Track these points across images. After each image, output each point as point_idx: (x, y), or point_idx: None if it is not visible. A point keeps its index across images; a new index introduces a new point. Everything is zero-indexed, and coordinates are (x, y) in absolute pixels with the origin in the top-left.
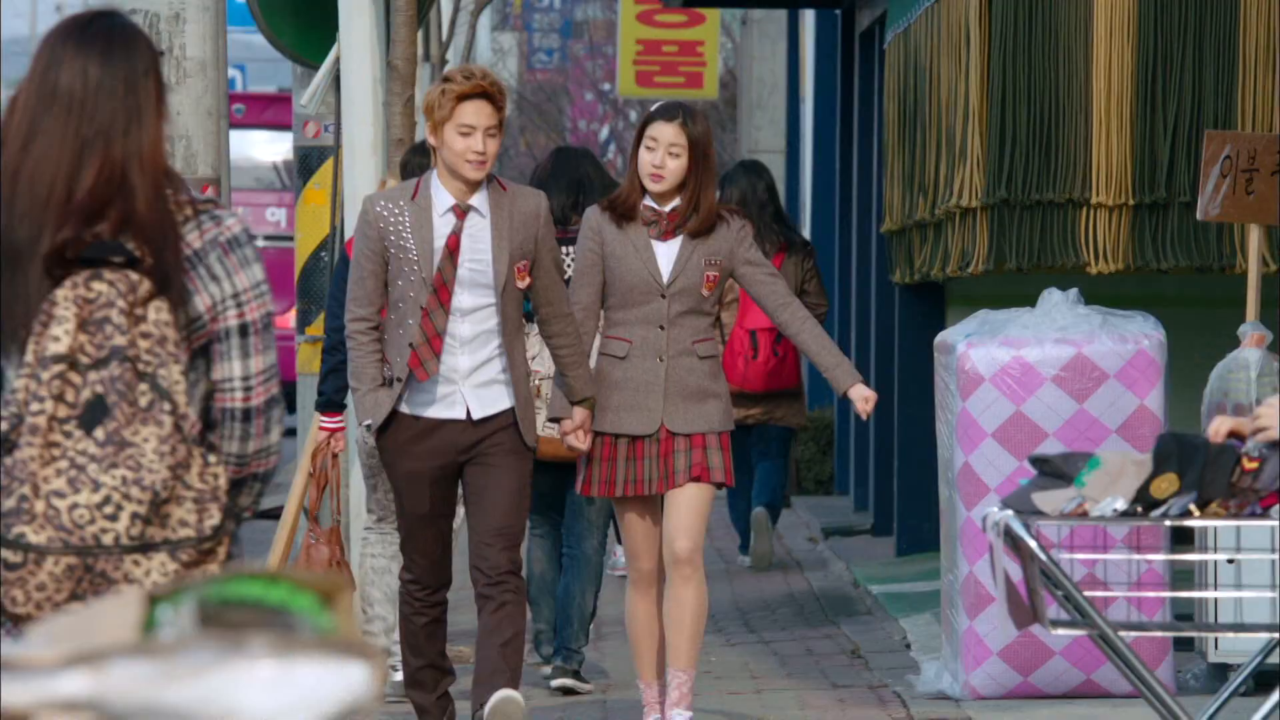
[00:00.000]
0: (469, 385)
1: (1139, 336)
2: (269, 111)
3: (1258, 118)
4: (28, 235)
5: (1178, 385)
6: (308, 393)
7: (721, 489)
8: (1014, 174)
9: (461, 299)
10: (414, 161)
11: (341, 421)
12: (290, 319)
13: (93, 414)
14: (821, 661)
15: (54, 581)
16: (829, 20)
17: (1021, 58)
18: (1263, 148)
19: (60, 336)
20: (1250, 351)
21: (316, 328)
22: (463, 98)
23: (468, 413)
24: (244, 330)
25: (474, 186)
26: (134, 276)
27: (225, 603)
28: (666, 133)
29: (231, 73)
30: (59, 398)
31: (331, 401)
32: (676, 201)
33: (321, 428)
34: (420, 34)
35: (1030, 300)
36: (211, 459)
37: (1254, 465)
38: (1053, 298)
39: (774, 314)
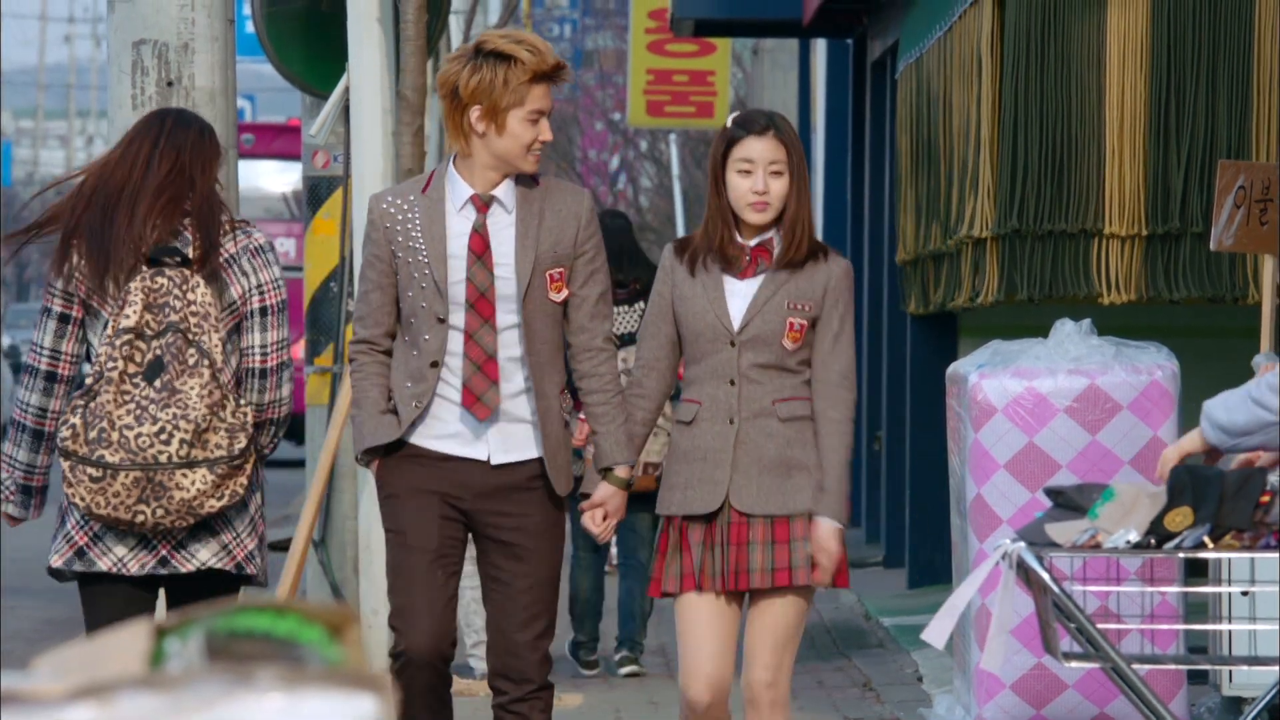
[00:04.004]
0: (494, 421)
1: (1152, 368)
2: (278, 142)
3: (1271, 148)
4: (125, 248)
5: (1191, 417)
6: (316, 425)
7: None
8: (1026, 204)
9: (497, 315)
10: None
11: None
12: (299, 350)
13: (153, 370)
14: (833, 694)
15: (125, 490)
16: (840, 50)
17: (1034, 87)
18: (1276, 178)
19: (130, 315)
20: None
21: (326, 358)
22: (537, 78)
23: (489, 454)
24: (264, 312)
25: (504, 176)
26: (186, 272)
27: (233, 634)
28: (762, 150)
29: (241, 103)
30: (129, 359)
31: None
32: (768, 233)
33: None
34: (430, 64)
35: (1043, 331)
36: (241, 401)
37: (1266, 499)
38: (1065, 328)
39: (814, 395)
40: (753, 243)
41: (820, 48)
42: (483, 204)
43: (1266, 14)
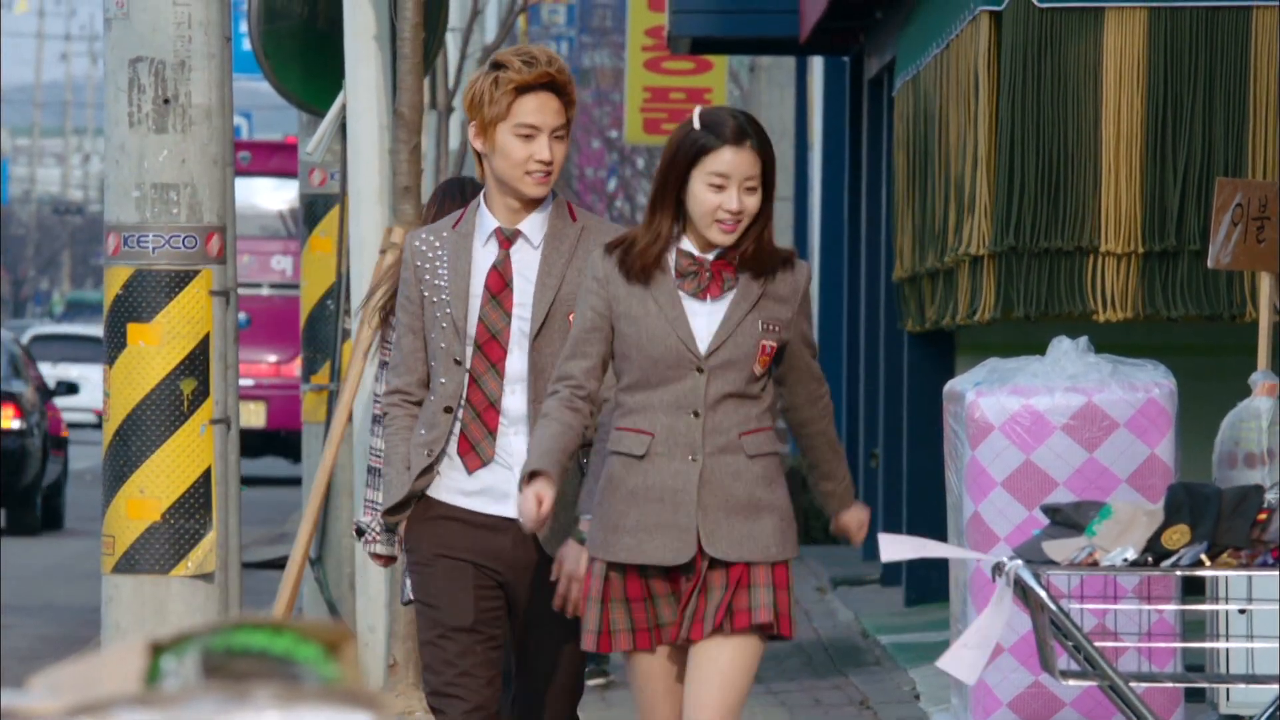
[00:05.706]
0: (515, 475)
1: (1149, 385)
2: (275, 159)
3: (1268, 165)
4: None
5: (1188, 434)
6: (313, 442)
7: (774, 640)
8: (1022, 221)
9: (510, 360)
10: None
11: None
12: (295, 368)
13: None
14: (830, 712)
15: None
16: (837, 67)
17: (1030, 104)
18: (1274, 195)
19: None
20: (1262, 400)
21: (322, 376)
22: (523, 89)
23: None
24: None
25: (529, 207)
26: None
27: (230, 652)
28: (740, 163)
29: (237, 120)
30: None
31: None
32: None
33: None
34: (426, 81)
35: (1040, 349)
36: None
37: (1264, 517)
38: (1062, 346)
39: (799, 410)
40: (711, 256)
41: (817, 65)
42: (505, 238)
43: (1263, 32)
